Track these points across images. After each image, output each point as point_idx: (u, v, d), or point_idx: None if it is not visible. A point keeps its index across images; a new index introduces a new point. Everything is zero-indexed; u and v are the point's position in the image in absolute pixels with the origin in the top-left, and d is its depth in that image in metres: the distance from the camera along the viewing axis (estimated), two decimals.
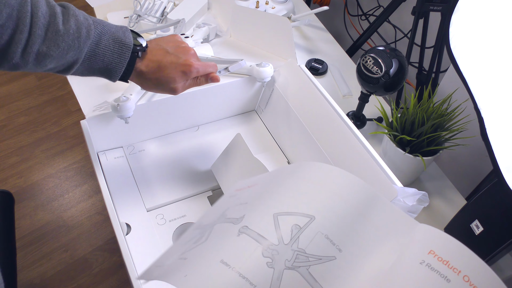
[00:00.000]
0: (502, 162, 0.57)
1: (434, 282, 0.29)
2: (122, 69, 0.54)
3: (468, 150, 0.94)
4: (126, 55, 0.54)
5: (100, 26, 0.52)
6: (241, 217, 0.34)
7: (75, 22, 0.49)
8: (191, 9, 0.96)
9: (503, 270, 0.72)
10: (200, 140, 0.81)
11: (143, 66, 0.56)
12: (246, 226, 0.32)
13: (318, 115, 0.71)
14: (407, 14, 1.11)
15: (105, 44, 0.52)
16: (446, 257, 0.30)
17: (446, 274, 0.29)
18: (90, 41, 0.51)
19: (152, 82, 0.58)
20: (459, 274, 0.29)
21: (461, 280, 0.29)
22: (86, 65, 0.52)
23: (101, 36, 0.52)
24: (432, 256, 0.30)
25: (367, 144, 0.65)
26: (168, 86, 0.58)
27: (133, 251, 0.61)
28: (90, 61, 0.52)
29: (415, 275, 0.29)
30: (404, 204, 0.56)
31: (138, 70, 0.56)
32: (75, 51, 0.50)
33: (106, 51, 0.52)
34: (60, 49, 0.48)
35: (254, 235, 0.32)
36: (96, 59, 0.52)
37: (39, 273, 1.31)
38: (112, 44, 0.53)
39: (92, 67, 0.53)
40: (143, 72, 0.57)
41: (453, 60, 0.68)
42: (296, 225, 0.32)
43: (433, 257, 0.30)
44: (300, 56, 1.05)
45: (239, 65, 0.76)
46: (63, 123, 1.74)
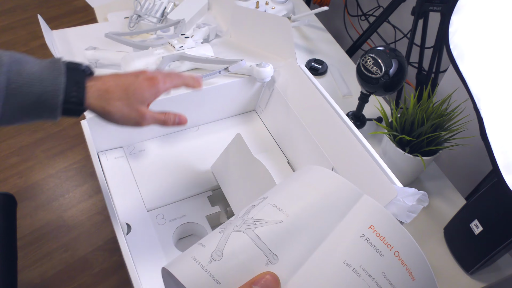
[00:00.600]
0: (502, 162, 0.57)
1: (370, 256, 0.31)
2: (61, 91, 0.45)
3: (467, 150, 0.94)
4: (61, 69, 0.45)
5: (18, 56, 0.45)
6: None
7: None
8: (191, 9, 0.96)
9: (502, 270, 0.72)
10: (200, 140, 0.81)
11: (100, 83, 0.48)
12: None
13: (318, 115, 0.71)
14: (407, 14, 1.11)
15: (29, 70, 0.44)
16: (383, 233, 0.32)
17: (381, 249, 0.31)
18: (4, 68, 0.43)
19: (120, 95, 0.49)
20: (391, 250, 0.32)
21: (392, 255, 0.31)
22: (12, 103, 0.43)
23: (21, 63, 0.44)
24: (371, 231, 0.32)
25: (367, 144, 0.65)
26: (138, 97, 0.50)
27: (133, 251, 0.61)
28: (15, 96, 0.43)
29: (354, 247, 0.32)
30: (404, 204, 0.56)
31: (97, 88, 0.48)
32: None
33: (33, 77, 0.43)
34: None
35: None
36: (22, 90, 0.43)
37: (40, 273, 1.31)
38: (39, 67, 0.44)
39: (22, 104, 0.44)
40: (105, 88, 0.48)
41: (453, 60, 0.68)
42: (252, 205, 0.35)
43: (372, 232, 0.32)
44: (300, 56, 1.05)
45: (239, 65, 0.76)
46: (63, 123, 1.74)
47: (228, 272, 0.31)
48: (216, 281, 0.31)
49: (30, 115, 0.46)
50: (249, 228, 0.33)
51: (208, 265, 0.31)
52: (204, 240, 0.34)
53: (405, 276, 0.31)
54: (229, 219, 0.36)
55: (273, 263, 0.31)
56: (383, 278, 0.31)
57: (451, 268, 0.72)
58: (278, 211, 0.34)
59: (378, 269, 0.31)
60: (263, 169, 0.62)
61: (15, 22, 2.20)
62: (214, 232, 0.35)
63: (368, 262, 0.31)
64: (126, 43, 0.83)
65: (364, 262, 0.31)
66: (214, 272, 0.31)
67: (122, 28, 0.96)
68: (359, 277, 0.30)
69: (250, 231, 0.33)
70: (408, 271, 0.31)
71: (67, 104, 0.46)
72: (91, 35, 0.91)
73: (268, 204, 0.35)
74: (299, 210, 0.34)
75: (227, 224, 0.35)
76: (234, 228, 0.33)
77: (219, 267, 0.31)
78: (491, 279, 0.71)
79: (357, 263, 0.31)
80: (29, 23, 2.20)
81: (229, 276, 0.31)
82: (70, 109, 0.47)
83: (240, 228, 0.33)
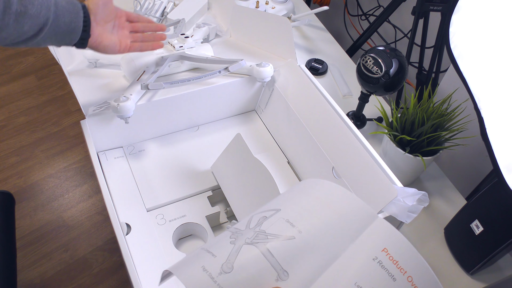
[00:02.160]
0: (502, 162, 0.57)
1: (382, 279, 0.31)
2: (81, 27, 0.57)
3: (468, 150, 0.94)
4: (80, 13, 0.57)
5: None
6: None
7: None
8: (191, 9, 0.96)
9: (503, 270, 0.72)
10: (200, 140, 0.81)
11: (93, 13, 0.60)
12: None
13: (318, 115, 0.71)
14: (407, 14, 1.11)
15: (61, 5, 0.55)
16: (397, 257, 0.32)
17: (393, 273, 0.31)
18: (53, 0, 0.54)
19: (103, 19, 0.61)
20: (404, 275, 0.31)
21: (405, 280, 0.31)
22: (52, 29, 0.55)
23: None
24: (384, 254, 0.32)
25: (367, 144, 0.65)
26: None
27: (133, 251, 0.61)
28: (55, 23, 0.55)
29: (366, 269, 0.31)
30: (404, 204, 0.56)
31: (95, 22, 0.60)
32: (46, 9, 0.53)
33: (65, 10, 0.56)
34: (35, 7, 0.52)
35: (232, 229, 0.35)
36: (60, 20, 0.55)
37: (39, 273, 1.31)
38: (66, 5, 0.56)
39: (57, 30, 0.56)
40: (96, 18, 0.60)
41: (453, 60, 0.68)
42: (264, 217, 0.35)
43: (386, 255, 0.32)
44: (300, 56, 1.05)
45: (239, 65, 0.76)
46: (63, 123, 1.74)
47: (237, 285, 0.31)
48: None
49: (58, 40, 0.57)
50: (261, 242, 0.32)
51: (218, 276, 0.31)
52: (213, 248, 0.33)
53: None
54: (238, 226, 0.36)
55: (283, 279, 0.31)
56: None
57: (452, 268, 0.72)
58: (291, 227, 0.33)
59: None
60: (263, 169, 0.62)
61: None
62: (224, 240, 0.34)
63: (380, 286, 0.30)
64: None
65: (376, 285, 0.30)
66: (224, 284, 0.30)
67: None
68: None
69: (261, 246, 0.32)
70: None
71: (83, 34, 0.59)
72: None
73: (281, 219, 0.34)
74: (312, 228, 0.33)
75: (237, 233, 0.34)
76: (246, 240, 0.33)
77: (229, 279, 0.31)
78: (491, 280, 0.71)
79: (368, 286, 0.30)
80: None
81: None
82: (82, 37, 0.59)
83: (252, 241, 0.33)
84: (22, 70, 1.94)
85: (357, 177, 0.63)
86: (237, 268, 0.31)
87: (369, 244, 0.32)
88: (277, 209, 0.36)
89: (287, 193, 0.39)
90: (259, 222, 0.35)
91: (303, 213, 0.34)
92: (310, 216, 0.34)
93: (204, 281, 0.31)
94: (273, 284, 0.31)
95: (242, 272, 0.31)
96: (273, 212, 0.36)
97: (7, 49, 2.05)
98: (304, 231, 0.33)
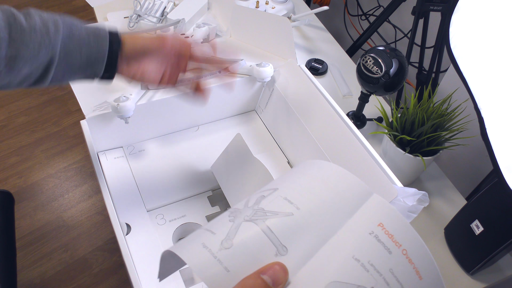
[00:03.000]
0: (502, 162, 0.57)
1: (379, 253, 0.32)
2: (105, 60, 0.50)
3: (468, 150, 0.94)
4: (104, 43, 0.50)
5: (68, 20, 0.49)
6: None
7: (39, 18, 0.46)
8: (191, 9, 0.96)
9: (503, 270, 0.72)
10: (200, 140, 0.81)
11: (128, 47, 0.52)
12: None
13: (318, 115, 0.71)
14: (407, 14, 1.11)
15: (78, 37, 0.48)
16: (392, 231, 0.33)
17: (389, 246, 0.32)
18: (60, 35, 0.47)
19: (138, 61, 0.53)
20: (399, 248, 0.32)
21: (400, 253, 0.32)
22: (64, 64, 0.48)
23: (72, 29, 0.48)
24: (380, 229, 0.33)
25: (367, 144, 0.65)
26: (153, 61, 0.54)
27: (133, 251, 0.61)
28: (67, 59, 0.48)
29: (363, 243, 0.32)
30: (404, 204, 0.56)
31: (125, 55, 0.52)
32: (47, 48, 0.46)
33: (82, 43, 0.48)
34: (30, 49, 0.45)
35: None
36: (73, 55, 0.48)
37: (39, 273, 1.31)
38: (86, 36, 0.49)
39: (72, 66, 0.49)
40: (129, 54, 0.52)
41: (453, 60, 0.68)
42: (262, 196, 0.36)
43: (381, 229, 0.33)
44: (300, 56, 1.05)
45: (239, 65, 0.76)
46: (63, 123, 1.74)
47: (237, 260, 0.31)
48: (226, 269, 0.31)
49: (76, 75, 0.51)
50: (260, 219, 0.33)
51: (218, 252, 0.31)
52: (213, 227, 0.34)
53: (412, 275, 0.32)
54: (237, 206, 0.36)
55: (283, 254, 0.32)
56: (391, 274, 0.31)
57: (452, 268, 0.72)
58: (289, 204, 0.34)
59: (386, 266, 0.31)
60: (263, 169, 0.62)
61: None
62: (223, 219, 0.35)
63: (376, 258, 0.31)
64: None
65: (372, 258, 0.31)
66: (224, 259, 0.31)
67: (121, 27, 0.96)
68: (368, 272, 0.30)
69: (261, 222, 0.33)
70: (416, 270, 0.32)
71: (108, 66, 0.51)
72: None
73: (279, 197, 0.35)
74: (310, 205, 0.34)
75: (235, 212, 0.35)
76: (244, 218, 0.33)
77: (229, 255, 0.31)
78: (491, 280, 0.71)
79: (365, 259, 0.31)
80: None
81: (238, 265, 0.31)
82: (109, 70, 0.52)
83: (251, 219, 0.33)
84: None
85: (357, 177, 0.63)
86: (237, 244, 0.32)
87: (365, 219, 0.33)
88: (275, 188, 0.36)
89: (285, 175, 0.40)
90: (257, 201, 0.35)
91: (300, 191, 0.35)
92: (308, 193, 0.35)
93: (204, 257, 0.31)
94: (273, 259, 0.31)
95: (241, 248, 0.32)
96: (271, 191, 0.36)
97: None
98: (302, 208, 0.34)
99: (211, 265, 0.31)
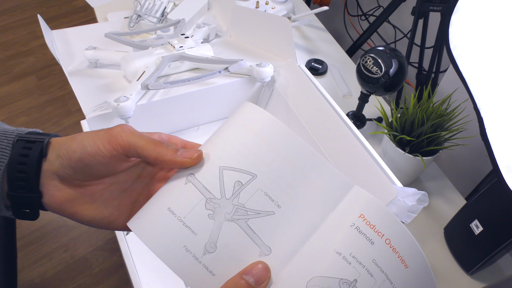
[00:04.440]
0: (502, 162, 0.57)
1: (361, 244, 0.32)
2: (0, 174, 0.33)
3: (468, 150, 0.94)
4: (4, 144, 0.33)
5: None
6: None
7: None
8: (191, 9, 0.96)
9: (502, 270, 0.72)
10: (200, 140, 0.80)
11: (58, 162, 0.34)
12: (192, 174, 0.35)
13: (318, 115, 0.71)
14: (407, 14, 1.11)
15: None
16: (373, 221, 0.32)
17: (371, 237, 0.32)
18: None
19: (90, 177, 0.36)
20: (382, 238, 0.32)
21: (383, 242, 0.32)
22: None
23: None
24: (361, 220, 0.32)
25: (367, 144, 0.65)
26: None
27: (133, 251, 0.61)
28: None
29: (344, 236, 0.32)
30: (404, 204, 0.56)
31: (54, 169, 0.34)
32: None
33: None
34: None
35: (199, 186, 0.34)
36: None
37: (39, 273, 1.31)
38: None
39: None
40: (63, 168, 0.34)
41: (453, 60, 0.68)
42: (239, 182, 0.35)
43: (362, 220, 0.32)
44: (300, 56, 1.05)
45: (239, 65, 0.76)
46: (63, 123, 1.74)
47: (222, 263, 0.31)
48: (211, 273, 0.31)
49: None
50: (241, 219, 0.33)
51: (202, 257, 0.32)
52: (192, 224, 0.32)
53: (397, 264, 0.31)
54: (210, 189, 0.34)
55: (266, 254, 0.32)
56: (374, 265, 0.31)
57: (451, 268, 0.72)
58: (270, 202, 0.34)
59: (369, 257, 0.31)
60: None
61: (14, 22, 2.20)
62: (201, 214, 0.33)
63: (358, 250, 0.31)
64: (126, 43, 0.83)
65: (354, 250, 0.31)
66: (209, 264, 0.31)
67: (122, 28, 0.96)
68: (349, 264, 0.31)
69: (242, 222, 0.33)
70: (401, 259, 0.32)
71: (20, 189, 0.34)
72: (91, 35, 0.91)
73: (259, 190, 0.34)
74: (291, 201, 0.34)
75: (213, 204, 0.33)
76: (225, 216, 0.33)
77: (213, 259, 0.32)
78: (491, 279, 0.71)
79: (347, 251, 0.31)
80: (29, 23, 2.20)
81: (223, 268, 0.31)
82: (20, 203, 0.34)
83: (232, 218, 0.33)
84: (22, 70, 1.95)
85: (357, 177, 0.63)
86: (220, 247, 0.32)
87: (346, 212, 0.33)
88: (253, 175, 0.34)
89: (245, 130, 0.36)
90: (235, 192, 0.34)
91: (281, 184, 0.35)
92: (289, 189, 0.35)
93: (189, 263, 0.31)
94: (257, 259, 0.32)
95: (225, 251, 0.32)
96: (249, 179, 0.34)
97: (8, 49, 2.06)
98: (283, 206, 0.34)
99: (196, 270, 0.31)
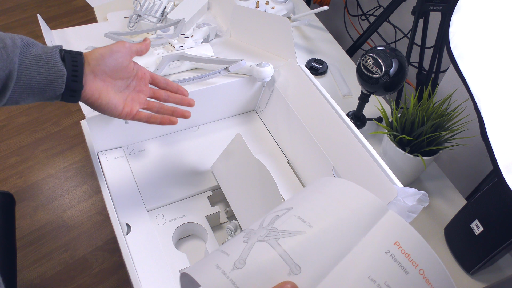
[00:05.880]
0: (502, 162, 0.57)
1: (395, 272, 0.31)
2: (64, 77, 0.49)
3: (468, 150, 0.94)
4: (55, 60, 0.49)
5: (26, 38, 0.49)
6: None
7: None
8: (191, 9, 0.96)
9: (503, 270, 0.72)
10: (200, 140, 0.81)
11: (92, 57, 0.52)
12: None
13: (318, 115, 0.71)
14: (407, 14, 1.11)
15: (35, 54, 0.48)
16: (409, 250, 0.32)
17: (406, 266, 0.31)
18: (18, 49, 0.46)
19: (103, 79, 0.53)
20: (416, 268, 0.31)
21: (417, 273, 0.31)
22: (23, 83, 0.47)
23: (29, 46, 0.48)
24: (397, 248, 0.32)
25: (367, 144, 0.65)
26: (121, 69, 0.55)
27: (133, 251, 0.61)
28: (26, 76, 0.47)
29: (378, 263, 0.31)
30: (404, 204, 0.56)
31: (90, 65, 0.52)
32: (4, 62, 0.45)
33: (40, 62, 0.47)
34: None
35: None
36: (31, 73, 0.47)
37: (39, 273, 1.31)
38: (43, 54, 0.48)
39: (31, 84, 0.47)
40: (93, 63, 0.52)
41: (453, 60, 0.68)
42: (276, 216, 0.36)
43: (398, 248, 0.32)
44: (300, 56, 1.05)
45: (239, 65, 0.76)
46: (63, 123, 1.74)
47: (249, 280, 0.31)
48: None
49: (36, 94, 0.49)
50: (272, 239, 0.33)
51: (230, 272, 0.31)
52: (227, 248, 0.34)
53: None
54: (252, 227, 0.36)
55: (296, 273, 0.31)
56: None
57: (452, 268, 0.72)
58: (302, 223, 0.34)
59: (403, 287, 0.30)
60: (263, 169, 0.62)
61: (14, 22, 2.20)
62: (237, 241, 0.35)
63: (393, 279, 0.31)
64: None
65: (389, 279, 0.30)
66: (236, 279, 0.31)
67: (121, 28, 0.96)
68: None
69: (273, 241, 0.33)
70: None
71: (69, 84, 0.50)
72: (90, 35, 0.91)
73: (293, 216, 0.35)
74: (323, 222, 0.34)
75: (250, 233, 0.35)
76: (258, 238, 0.33)
77: (241, 275, 0.31)
78: (491, 280, 0.71)
79: (382, 279, 0.30)
80: (29, 23, 2.20)
81: (250, 284, 0.31)
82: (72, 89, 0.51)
83: (264, 238, 0.33)
84: None
85: (357, 177, 0.63)
86: (249, 264, 0.32)
87: (380, 237, 0.33)
88: (289, 208, 0.36)
89: (300, 193, 0.39)
90: (271, 221, 0.35)
91: (314, 208, 0.35)
92: (321, 211, 0.34)
93: (217, 278, 0.31)
94: (286, 278, 0.31)
95: (254, 267, 0.31)
96: (285, 211, 0.36)
97: None
98: (315, 226, 0.33)
99: (223, 285, 0.31)
